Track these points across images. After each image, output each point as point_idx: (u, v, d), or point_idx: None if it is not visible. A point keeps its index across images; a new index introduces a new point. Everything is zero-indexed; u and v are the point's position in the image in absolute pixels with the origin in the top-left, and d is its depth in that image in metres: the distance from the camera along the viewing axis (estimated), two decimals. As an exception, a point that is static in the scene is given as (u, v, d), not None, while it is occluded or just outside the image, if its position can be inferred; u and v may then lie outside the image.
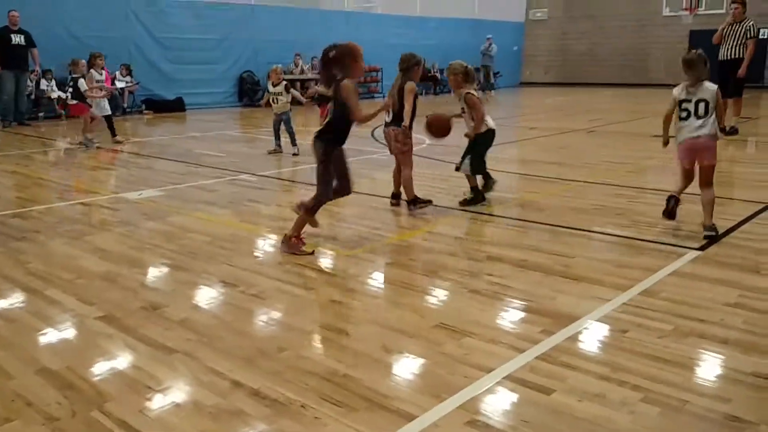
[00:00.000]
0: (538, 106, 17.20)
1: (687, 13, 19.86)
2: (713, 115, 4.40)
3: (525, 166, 7.81)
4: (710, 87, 4.41)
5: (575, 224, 4.85)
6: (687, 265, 3.89)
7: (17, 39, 11.61)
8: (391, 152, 5.52)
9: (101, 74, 9.32)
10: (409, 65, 5.31)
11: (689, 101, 4.42)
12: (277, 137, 8.58)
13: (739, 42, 9.29)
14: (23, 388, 2.48)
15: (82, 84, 8.97)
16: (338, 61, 4.12)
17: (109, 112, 9.45)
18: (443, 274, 3.82)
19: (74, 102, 9.45)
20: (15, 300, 3.44)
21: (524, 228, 4.86)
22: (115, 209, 5.51)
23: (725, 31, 9.44)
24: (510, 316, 3.19)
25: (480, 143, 5.49)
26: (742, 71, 9.23)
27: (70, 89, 9.27)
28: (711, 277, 3.66)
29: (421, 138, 6.94)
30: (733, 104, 9.39)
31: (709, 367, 2.69)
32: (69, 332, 3.05)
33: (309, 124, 11.05)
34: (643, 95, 19.17)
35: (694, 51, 4.53)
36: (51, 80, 12.99)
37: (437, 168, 7.35)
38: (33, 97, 12.79)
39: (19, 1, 12.19)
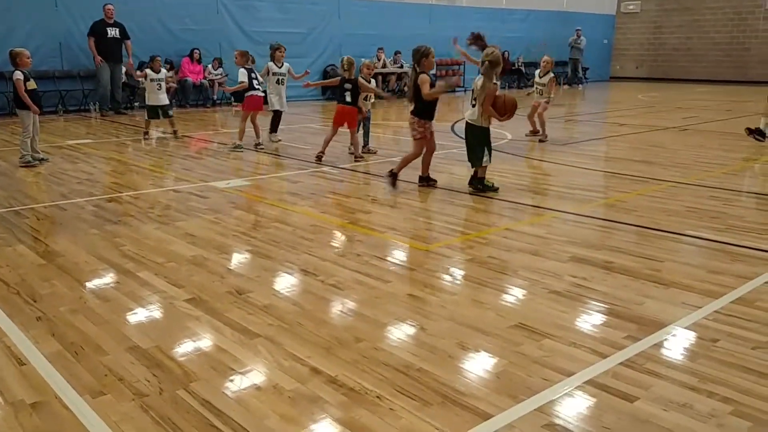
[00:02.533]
0: (629, 101, 16.55)
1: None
2: None
3: (613, 164, 7.53)
4: None
5: (666, 227, 4.64)
6: (787, 274, 3.65)
7: (113, 32, 12.25)
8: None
9: (280, 67, 8.94)
10: (418, 58, 5.76)
11: None
12: (365, 137, 8.12)
13: None
14: (115, 364, 2.63)
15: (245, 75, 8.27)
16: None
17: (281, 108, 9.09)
18: (523, 273, 3.75)
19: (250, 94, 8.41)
20: (110, 280, 3.64)
21: (611, 229, 4.70)
22: (204, 197, 5.73)
23: None
24: (593, 320, 3.09)
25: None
26: None
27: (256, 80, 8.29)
28: (814, 287, 3.42)
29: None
30: None
31: (810, 384, 2.51)
32: (159, 313, 3.20)
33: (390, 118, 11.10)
34: (740, 92, 18.10)
35: None
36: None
37: (515, 162, 7.22)
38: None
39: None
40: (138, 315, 3.16)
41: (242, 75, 8.23)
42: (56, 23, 12.55)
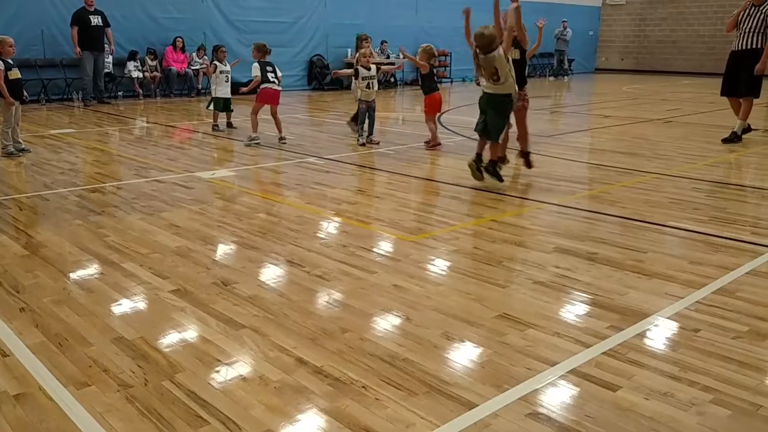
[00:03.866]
0: (614, 93, 16.64)
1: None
2: None
3: (598, 156, 7.59)
4: None
5: (649, 218, 4.69)
6: (765, 264, 3.70)
7: (95, 20, 12.07)
8: None
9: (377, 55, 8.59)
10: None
11: None
12: (370, 128, 8.03)
13: (757, 30, 7.63)
14: (100, 355, 2.61)
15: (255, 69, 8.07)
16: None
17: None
18: (508, 264, 3.78)
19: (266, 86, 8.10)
20: (94, 271, 3.62)
21: (595, 220, 4.74)
22: (189, 187, 5.69)
23: (741, 16, 7.79)
24: (576, 310, 3.13)
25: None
26: (760, 66, 7.56)
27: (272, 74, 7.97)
28: (793, 278, 3.48)
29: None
30: (744, 104, 8.01)
31: (788, 373, 2.56)
32: (143, 304, 3.18)
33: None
34: (725, 85, 18.23)
35: None
36: (136, 61, 13.47)
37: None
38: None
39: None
40: (122, 306, 3.14)
41: (255, 69, 8.01)
42: (38, 10, 12.36)
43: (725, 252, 3.95)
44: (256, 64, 8.04)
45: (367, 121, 7.99)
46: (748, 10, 7.78)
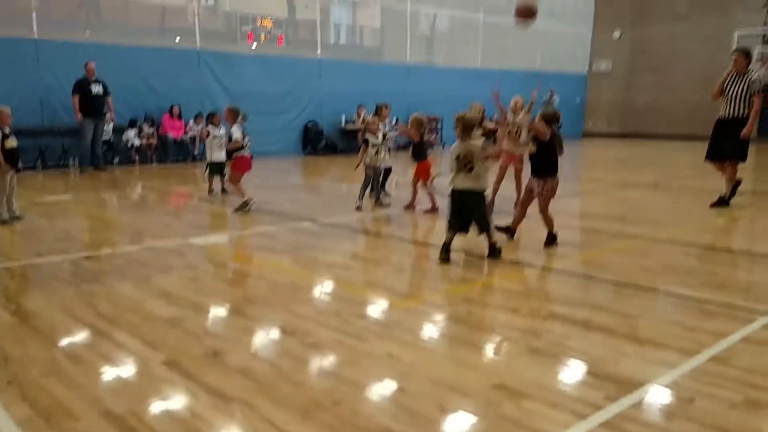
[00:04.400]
0: (602, 157, 16.95)
1: (759, 63, 19.35)
2: None
3: (589, 220, 7.67)
4: None
5: (641, 283, 4.70)
6: (759, 331, 3.70)
7: (96, 89, 12.37)
8: None
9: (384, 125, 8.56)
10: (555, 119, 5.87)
11: None
12: (376, 192, 8.15)
13: (742, 97, 7.82)
14: (87, 431, 2.56)
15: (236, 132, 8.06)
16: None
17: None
18: (502, 330, 3.76)
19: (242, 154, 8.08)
20: (84, 341, 3.58)
21: (588, 285, 4.75)
22: (182, 254, 5.70)
23: (726, 84, 7.98)
24: (572, 379, 3.10)
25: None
26: (746, 131, 7.72)
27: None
28: (787, 344, 3.48)
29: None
30: (731, 169, 8.11)
31: (787, 444, 2.53)
32: (133, 376, 3.14)
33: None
34: (711, 149, 18.61)
35: None
36: (135, 129, 13.71)
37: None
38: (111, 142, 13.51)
39: (96, 52, 13.03)
40: (112, 378, 3.10)
41: (237, 132, 7.99)
42: (37, 80, 12.64)
43: (718, 318, 3.95)
44: (237, 127, 8.06)
45: (371, 186, 8.10)
46: (732, 78, 7.97)
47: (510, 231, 6.09)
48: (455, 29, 22.46)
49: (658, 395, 2.90)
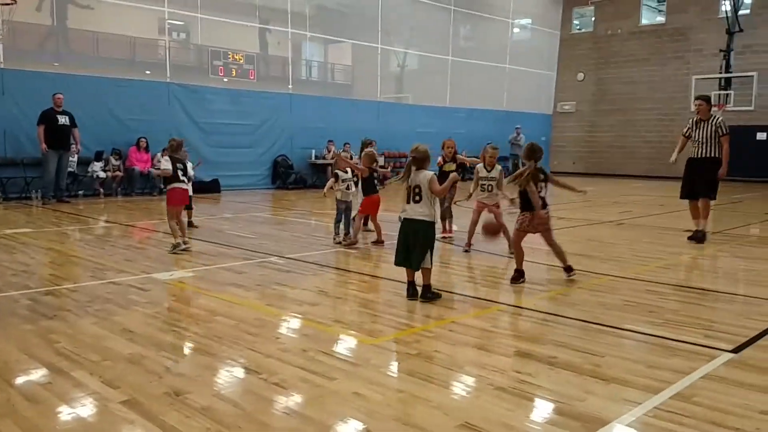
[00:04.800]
0: (566, 195, 17.19)
1: (716, 109, 20.10)
2: None
3: (554, 258, 7.74)
4: None
5: (606, 321, 4.76)
6: (720, 368, 3.77)
7: (63, 119, 12.24)
8: None
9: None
10: (538, 155, 6.20)
11: None
12: (347, 226, 8.18)
13: (710, 139, 8.42)
14: (41, 474, 2.46)
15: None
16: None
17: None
18: (469, 368, 3.76)
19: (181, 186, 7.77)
20: (41, 380, 3.46)
21: (554, 323, 4.78)
22: (145, 289, 5.59)
23: (692, 130, 8.66)
24: (539, 418, 3.10)
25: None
26: (723, 171, 8.38)
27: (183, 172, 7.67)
28: (746, 381, 3.54)
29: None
30: (703, 204, 8.64)
31: (748, 482, 2.56)
32: (92, 416, 3.04)
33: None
34: (672, 188, 19.08)
35: None
36: (101, 161, 13.54)
37: (458, 254, 7.36)
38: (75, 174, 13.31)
39: (64, 83, 12.94)
40: (69, 419, 2.99)
41: (165, 162, 7.66)
42: (1, 110, 12.45)
43: (681, 355, 4.01)
44: (166, 158, 7.71)
45: (343, 220, 8.17)
46: (697, 124, 8.60)
47: (518, 272, 6.10)
48: (424, 68, 22.89)
49: (622, 434, 2.92)
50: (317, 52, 22.88)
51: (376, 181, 8.21)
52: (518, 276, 5.99)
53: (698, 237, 8.60)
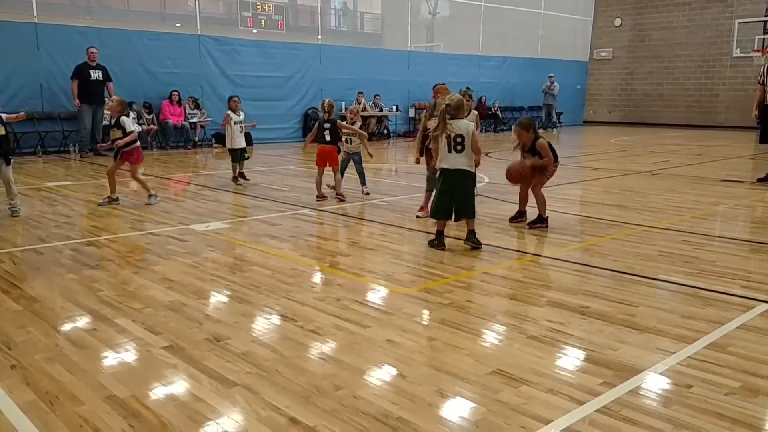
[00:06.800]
0: (602, 145, 16.93)
1: (759, 54, 19.30)
2: None
3: (588, 209, 7.68)
4: None
5: (640, 271, 4.73)
6: (757, 319, 3.73)
7: (96, 74, 12.36)
8: None
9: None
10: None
11: None
12: (361, 178, 8.20)
13: None
14: (91, 414, 2.59)
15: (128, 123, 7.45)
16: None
17: None
18: (501, 318, 3.79)
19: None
20: (86, 327, 3.61)
21: (587, 273, 4.77)
22: (183, 240, 5.72)
23: (764, 77, 9.20)
24: (570, 366, 3.13)
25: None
26: None
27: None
28: (784, 332, 3.51)
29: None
30: None
31: (781, 430, 2.56)
32: (136, 361, 3.17)
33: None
34: (710, 137, 18.63)
35: None
36: (135, 114, 13.68)
37: (492, 205, 7.33)
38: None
39: (97, 37, 13.01)
40: (114, 363, 3.12)
41: (131, 123, 7.45)
42: (37, 65, 12.60)
43: (716, 306, 3.98)
44: (130, 119, 7.53)
45: (353, 174, 8.15)
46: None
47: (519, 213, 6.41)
48: (456, 15, 22.36)
49: (655, 382, 2.94)
50: (346, 1, 22.49)
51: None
52: (535, 220, 6.24)
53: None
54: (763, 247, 5.65)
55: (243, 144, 9.13)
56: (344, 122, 8.03)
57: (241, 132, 9.07)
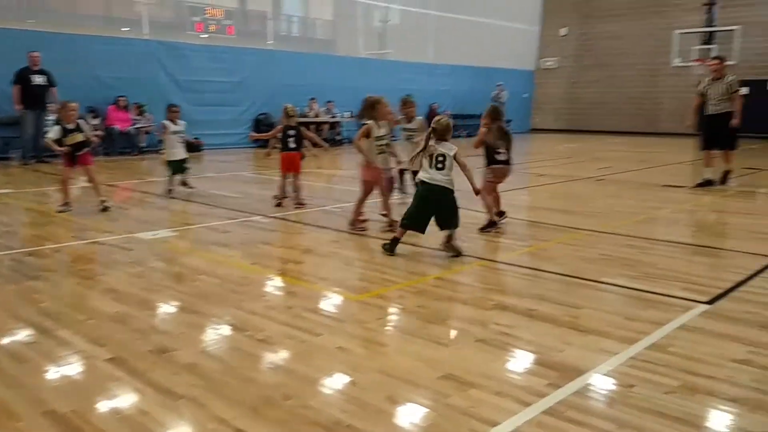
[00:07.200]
0: (548, 152, 17.31)
1: (698, 64, 20.07)
2: None
3: (535, 214, 7.84)
4: None
5: (584, 274, 4.85)
6: (695, 319, 3.88)
7: (39, 79, 11.97)
8: None
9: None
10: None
11: None
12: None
13: (723, 96, 9.40)
14: (29, 431, 2.50)
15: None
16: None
17: None
18: (452, 322, 3.83)
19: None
20: (26, 339, 3.48)
21: (534, 277, 4.87)
22: (129, 249, 5.58)
23: (706, 88, 9.59)
24: (517, 368, 3.19)
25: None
26: (736, 122, 9.35)
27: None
28: (719, 332, 3.65)
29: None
30: (725, 156, 9.67)
31: (717, 426, 2.66)
32: (78, 374, 3.07)
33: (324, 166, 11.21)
34: (652, 144, 19.26)
35: None
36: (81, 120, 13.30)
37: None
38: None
39: (44, 43, 12.61)
40: (56, 377, 3.02)
41: (57, 132, 7.15)
42: (-25, 69, 12.12)
43: (657, 307, 4.11)
44: (57, 127, 7.21)
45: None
46: (710, 83, 9.54)
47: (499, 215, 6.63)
48: (407, 24, 22.54)
49: (599, 382, 3.01)
50: (298, 6, 22.44)
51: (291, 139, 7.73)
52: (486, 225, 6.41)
53: (723, 179, 9.64)
54: (702, 250, 5.87)
55: (183, 155, 8.68)
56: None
57: (181, 143, 8.66)
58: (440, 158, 5.31)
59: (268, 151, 8.51)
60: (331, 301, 4.29)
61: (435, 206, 5.34)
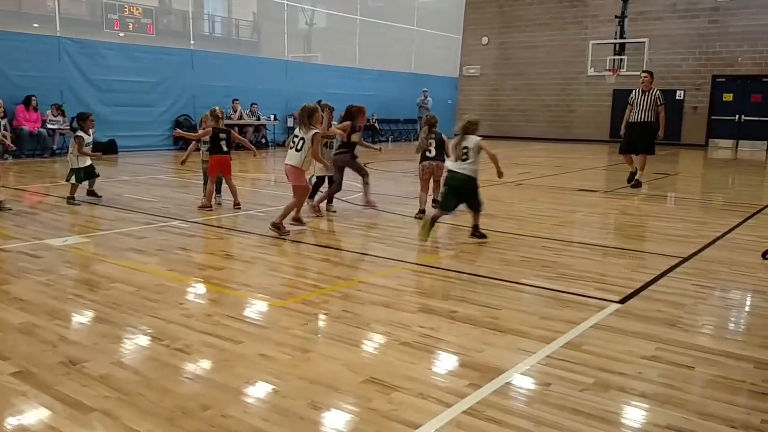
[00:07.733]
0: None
1: (610, 73, 21.05)
2: None
3: (456, 217, 7.96)
4: None
5: (504, 276, 4.98)
6: (608, 318, 4.04)
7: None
8: None
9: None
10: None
11: None
12: (218, 191, 7.99)
13: (649, 108, 10.34)
14: None
15: None
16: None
17: None
18: (375, 326, 3.83)
19: None
20: None
21: (456, 279, 4.95)
22: (37, 256, 5.28)
23: (634, 99, 10.54)
24: (440, 370, 3.23)
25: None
26: (661, 134, 10.51)
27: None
28: (630, 330, 3.82)
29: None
30: (642, 159, 10.67)
31: (628, 421, 2.78)
32: (-22, 390, 2.88)
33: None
34: (568, 150, 20.03)
35: None
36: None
37: (367, 215, 7.43)
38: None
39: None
40: (-48, 394, 2.82)
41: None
42: None
43: (572, 307, 4.26)
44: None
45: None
46: (639, 94, 10.45)
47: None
48: (333, 27, 22.54)
49: (517, 381, 3.09)
50: (220, 6, 21.99)
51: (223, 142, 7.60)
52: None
53: (637, 184, 10.52)
54: (615, 251, 6.14)
55: (87, 162, 8.20)
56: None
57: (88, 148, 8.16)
58: (464, 150, 6.29)
59: (184, 158, 8.24)
60: (254, 308, 4.21)
61: (459, 192, 6.22)
